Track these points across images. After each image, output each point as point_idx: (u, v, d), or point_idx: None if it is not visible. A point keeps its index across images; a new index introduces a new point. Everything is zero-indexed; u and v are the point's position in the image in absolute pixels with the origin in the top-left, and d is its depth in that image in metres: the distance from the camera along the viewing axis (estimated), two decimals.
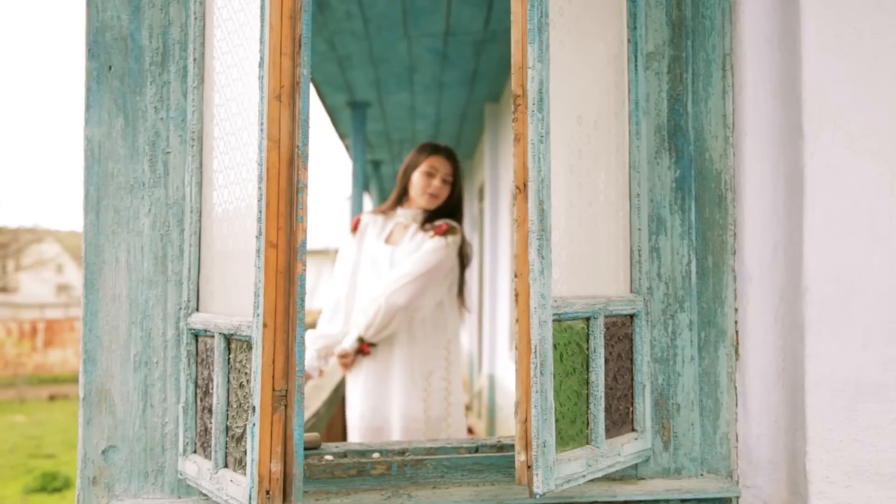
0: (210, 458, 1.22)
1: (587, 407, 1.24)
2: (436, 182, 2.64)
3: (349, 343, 2.59)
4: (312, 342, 2.66)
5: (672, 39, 1.42)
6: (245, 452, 1.12)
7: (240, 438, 1.15)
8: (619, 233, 1.36)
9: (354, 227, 2.80)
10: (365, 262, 2.69)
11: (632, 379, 1.35)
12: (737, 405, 1.39)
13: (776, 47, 1.37)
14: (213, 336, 1.23)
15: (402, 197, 2.74)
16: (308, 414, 3.09)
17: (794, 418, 1.32)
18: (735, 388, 1.39)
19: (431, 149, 2.69)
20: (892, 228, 1.28)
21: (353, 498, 1.31)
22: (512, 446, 1.49)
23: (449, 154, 2.70)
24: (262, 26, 1.12)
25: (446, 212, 2.70)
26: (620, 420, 1.33)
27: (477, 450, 1.48)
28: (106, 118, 1.35)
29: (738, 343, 1.39)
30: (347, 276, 2.73)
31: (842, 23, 1.29)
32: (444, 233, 2.65)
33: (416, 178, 2.66)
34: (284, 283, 1.13)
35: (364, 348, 2.59)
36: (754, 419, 1.37)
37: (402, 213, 2.71)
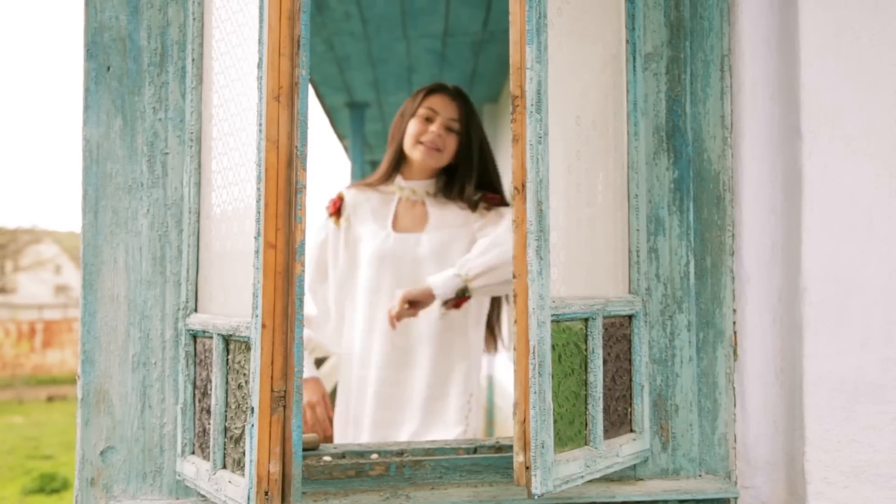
0: (208, 459, 1.22)
1: (585, 408, 1.24)
2: (434, 128, 1.86)
3: (446, 285, 1.74)
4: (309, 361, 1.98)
5: (670, 40, 1.42)
6: (243, 453, 1.12)
7: (238, 439, 1.15)
8: (618, 233, 1.36)
9: (336, 209, 1.99)
10: (363, 258, 1.93)
11: (630, 380, 1.35)
12: (735, 406, 1.39)
13: (774, 48, 1.38)
14: (211, 337, 1.23)
15: (400, 162, 1.98)
16: None
17: (792, 419, 1.32)
18: (733, 388, 1.39)
19: (431, 88, 1.94)
20: (890, 229, 1.28)
21: (351, 499, 1.31)
22: (510, 447, 1.49)
23: (457, 93, 1.94)
24: (260, 27, 1.12)
25: (470, 174, 1.90)
26: (619, 421, 1.33)
27: (475, 451, 1.48)
28: (104, 119, 1.35)
29: (736, 344, 1.39)
30: (334, 277, 1.96)
31: (840, 24, 1.29)
32: (500, 203, 1.94)
33: (411, 127, 1.91)
34: (283, 284, 1.13)
35: (462, 302, 1.81)
36: (752, 420, 1.37)
37: (405, 186, 1.96)
